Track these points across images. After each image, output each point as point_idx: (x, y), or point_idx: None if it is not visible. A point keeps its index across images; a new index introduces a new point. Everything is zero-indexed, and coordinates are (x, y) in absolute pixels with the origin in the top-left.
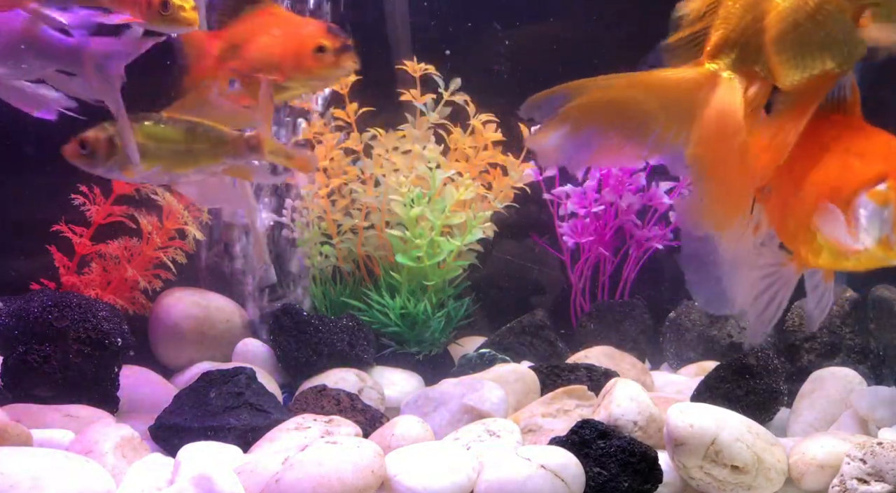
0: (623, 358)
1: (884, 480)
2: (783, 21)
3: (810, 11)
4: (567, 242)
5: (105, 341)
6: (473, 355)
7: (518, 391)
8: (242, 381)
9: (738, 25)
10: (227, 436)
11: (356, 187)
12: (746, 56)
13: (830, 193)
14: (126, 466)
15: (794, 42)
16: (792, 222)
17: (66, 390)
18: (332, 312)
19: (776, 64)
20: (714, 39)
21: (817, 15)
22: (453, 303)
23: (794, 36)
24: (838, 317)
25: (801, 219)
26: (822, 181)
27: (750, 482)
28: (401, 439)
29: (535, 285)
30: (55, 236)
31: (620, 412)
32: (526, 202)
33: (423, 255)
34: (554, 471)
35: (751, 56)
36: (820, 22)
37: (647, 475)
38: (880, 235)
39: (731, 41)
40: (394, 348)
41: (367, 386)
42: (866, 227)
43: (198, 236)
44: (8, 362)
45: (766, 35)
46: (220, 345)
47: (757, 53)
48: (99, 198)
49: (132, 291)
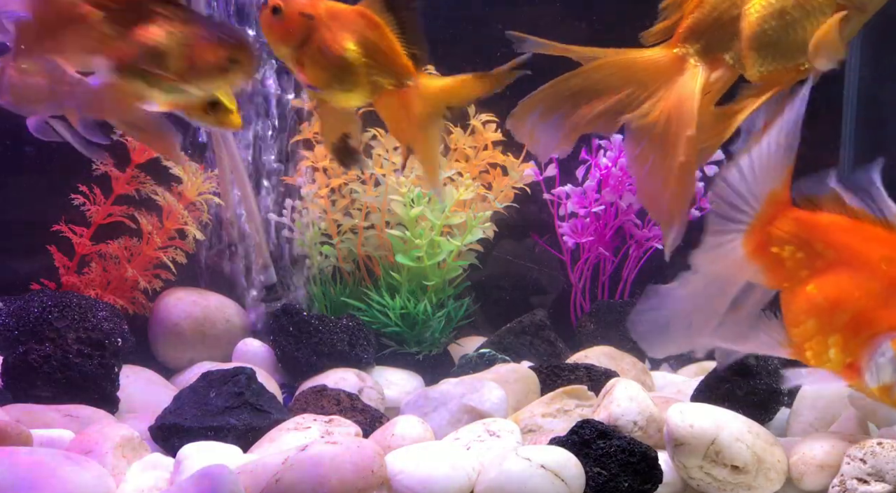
0: (623, 358)
1: (884, 480)
2: (763, 13)
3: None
4: (567, 242)
5: (105, 341)
6: (473, 355)
7: (518, 391)
8: (242, 381)
9: (712, 13)
10: (227, 436)
11: (356, 187)
12: (716, 43)
13: (863, 320)
14: (126, 466)
15: (772, 35)
16: (812, 326)
17: (66, 390)
18: (332, 312)
19: (749, 53)
20: (686, 24)
21: (798, 10)
22: (453, 303)
23: (772, 29)
24: None
25: (824, 329)
26: (860, 305)
27: (750, 482)
28: (401, 439)
29: (535, 285)
30: (55, 236)
31: (620, 411)
32: (526, 202)
33: (423, 255)
34: (554, 471)
35: (721, 44)
36: (800, 18)
37: (647, 475)
38: (887, 382)
39: (703, 27)
40: (394, 348)
41: (367, 386)
42: (877, 370)
43: (198, 236)
44: (8, 362)
45: (742, 24)
46: (220, 345)
47: (728, 41)
48: (99, 198)
49: (132, 291)
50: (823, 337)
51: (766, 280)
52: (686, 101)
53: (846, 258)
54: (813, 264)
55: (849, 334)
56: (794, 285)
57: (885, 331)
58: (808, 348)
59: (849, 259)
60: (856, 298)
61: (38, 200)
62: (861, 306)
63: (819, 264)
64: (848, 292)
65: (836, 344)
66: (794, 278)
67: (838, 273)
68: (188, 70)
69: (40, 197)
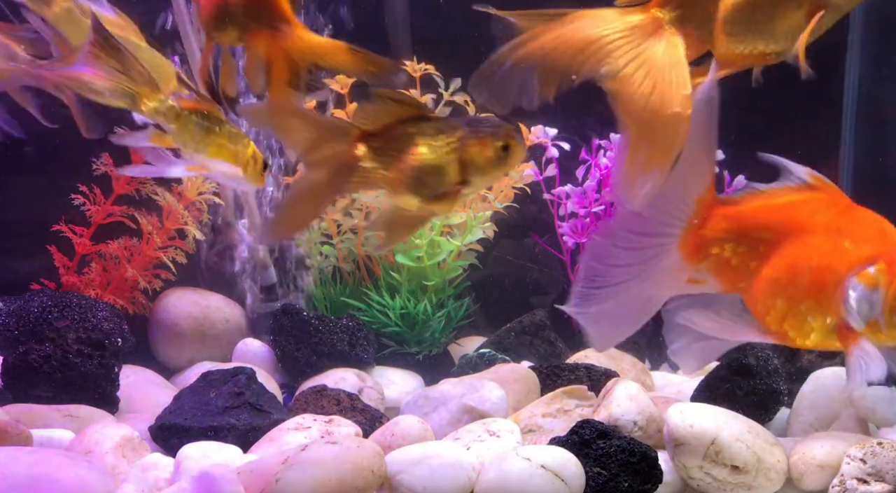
0: (623, 358)
1: (884, 480)
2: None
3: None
4: (567, 242)
5: (105, 341)
6: (473, 355)
7: (518, 391)
8: (242, 381)
9: None
10: (227, 436)
11: None
12: (689, 17)
13: (822, 274)
14: (126, 466)
15: (748, 20)
16: (782, 304)
17: (66, 390)
18: (332, 312)
19: (722, 34)
20: None
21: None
22: (453, 303)
23: (749, 15)
24: None
25: (793, 301)
26: (814, 263)
27: (750, 483)
28: (401, 439)
29: (535, 285)
30: (55, 236)
31: (620, 412)
32: (526, 202)
33: (423, 255)
34: (554, 471)
35: (693, 19)
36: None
37: (647, 475)
38: (870, 319)
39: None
40: (394, 348)
41: (367, 386)
42: (857, 309)
43: (198, 236)
44: (8, 362)
45: (720, 5)
46: (220, 345)
47: (700, 18)
48: (99, 198)
49: (132, 291)
50: (796, 309)
51: (722, 285)
52: (676, 65)
53: (784, 231)
54: (756, 251)
55: (817, 294)
56: (748, 281)
57: (846, 272)
58: (788, 327)
59: (786, 231)
60: (808, 259)
61: (38, 200)
62: (816, 264)
63: (763, 249)
64: (799, 258)
65: (811, 309)
66: (745, 273)
67: (783, 247)
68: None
69: (40, 197)
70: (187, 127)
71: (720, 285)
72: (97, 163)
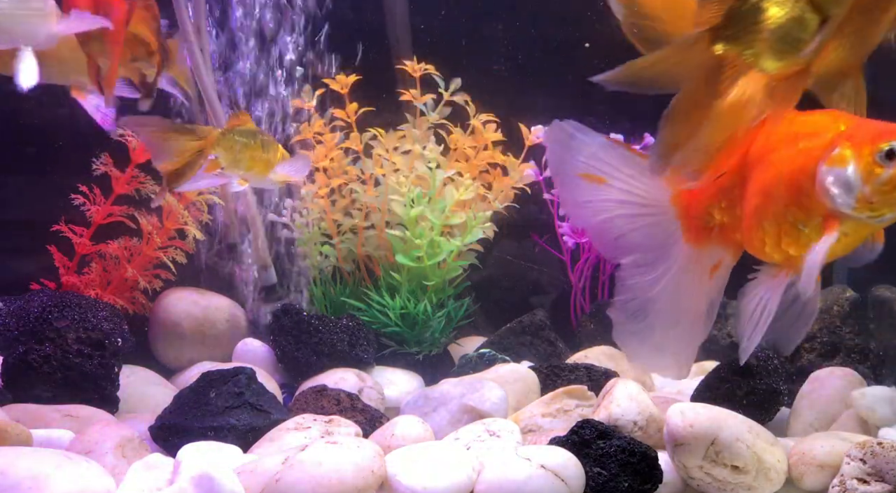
0: (623, 358)
1: (884, 480)
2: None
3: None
4: (567, 242)
5: (105, 341)
6: (473, 355)
7: (518, 391)
8: (242, 381)
9: None
10: (227, 436)
11: (356, 187)
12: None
13: (795, 178)
14: (126, 466)
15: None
16: (772, 227)
17: (66, 390)
18: (332, 312)
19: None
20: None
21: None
22: (453, 303)
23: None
24: (838, 317)
25: (778, 217)
26: (784, 173)
27: (750, 482)
28: (401, 439)
29: (535, 285)
30: (55, 236)
31: (620, 411)
32: (526, 202)
33: (423, 255)
34: (554, 471)
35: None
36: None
37: (647, 475)
38: (856, 194)
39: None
40: (394, 348)
41: (367, 386)
42: (838, 193)
43: (198, 236)
44: (8, 362)
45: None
46: (220, 345)
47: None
48: (99, 198)
49: (132, 291)
50: (785, 224)
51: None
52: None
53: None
54: (736, 196)
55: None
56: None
57: (815, 165)
58: (787, 246)
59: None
60: (777, 173)
61: (38, 200)
62: (786, 172)
63: (738, 192)
64: (769, 175)
65: (798, 216)
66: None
67: (754, 177)
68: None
69: (40, 197)
70: (231, 147)
71: (731, 254)
72: (97, 163)
